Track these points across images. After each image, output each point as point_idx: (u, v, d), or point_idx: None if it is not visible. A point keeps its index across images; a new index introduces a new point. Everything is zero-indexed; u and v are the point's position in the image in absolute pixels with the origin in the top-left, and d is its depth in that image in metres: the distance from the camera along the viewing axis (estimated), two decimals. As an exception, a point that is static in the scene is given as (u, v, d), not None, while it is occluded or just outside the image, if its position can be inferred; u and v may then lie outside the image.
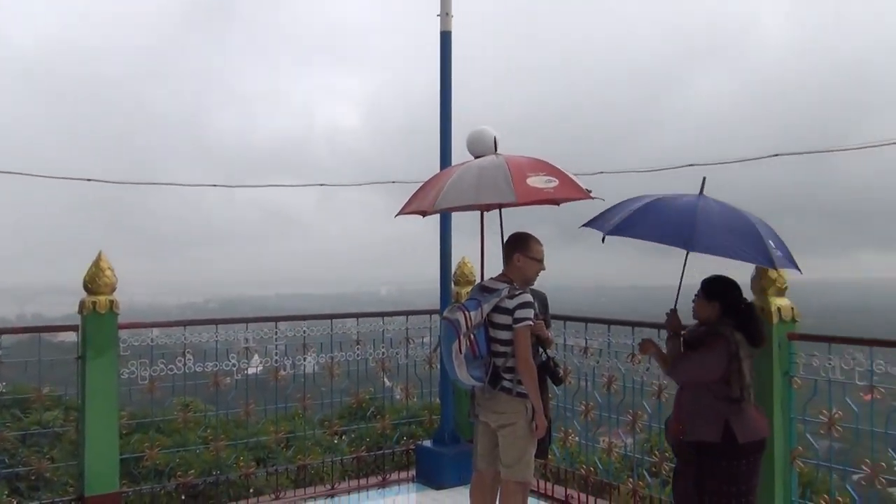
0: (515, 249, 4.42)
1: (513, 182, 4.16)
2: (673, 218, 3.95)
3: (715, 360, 3.88)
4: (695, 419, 3.96)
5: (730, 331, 3.91)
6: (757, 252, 3.82)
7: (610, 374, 5.85)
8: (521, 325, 4.21)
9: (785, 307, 4.77)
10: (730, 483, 3.86)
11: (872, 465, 4.43)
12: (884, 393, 4.42)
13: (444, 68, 6.51)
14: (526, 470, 4.39)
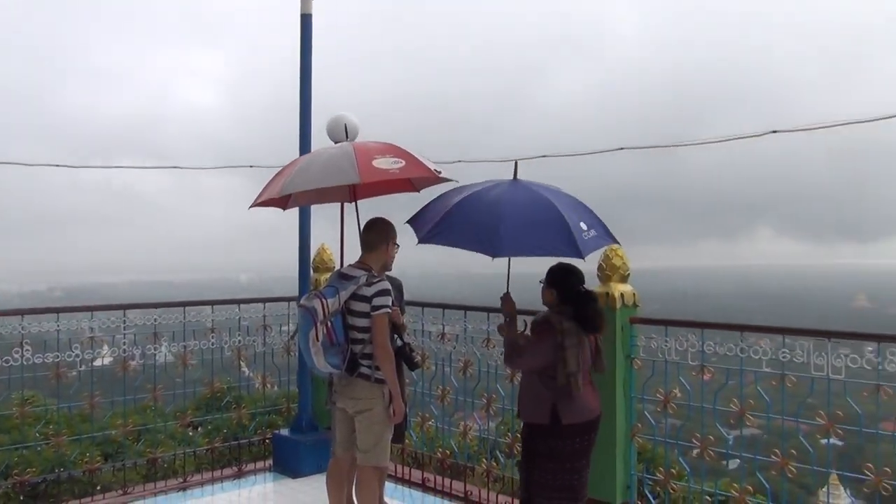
0: (388, 237, 4.48)
1: (357, 164, 4.17)
2: (478, 221, 3.97)
3: (542, 351, 4.00)
4: (527, 402, 4.15)
5: (559, 319, 4.00)
6: (563, 243, 3.84)
7: (466, 358, 6.00)
8: (380, 312, 4.25)
9: (627, 293, 5.05)
10: (557, 461, 4.04)
11: (702, 440, 4.81)
12: (714, 372, 4.80)
13: (305, 51, 6.41)
14: (382, 455, 4.45)
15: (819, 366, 4.26)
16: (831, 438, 4.41)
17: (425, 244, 4.13)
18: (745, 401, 4.63)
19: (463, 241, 4.00)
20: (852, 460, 4.28)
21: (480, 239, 3.91)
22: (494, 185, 4.18)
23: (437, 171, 4.43)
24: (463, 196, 4.14)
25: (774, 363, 4.45)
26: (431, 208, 4.30)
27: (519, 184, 4.17)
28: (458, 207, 4.08)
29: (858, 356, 4.14)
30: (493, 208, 3.97)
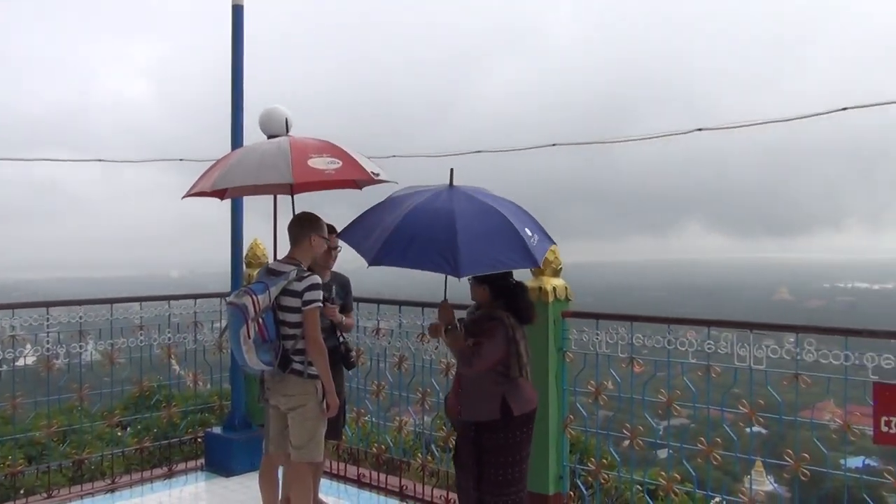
0: (311, 230, 4.42)
1: (292, 163, 4.13)
2: (433, 238, 3.71)
3: (497, 347, 4.01)
4: (475, 400, 4.11)
5: (504, 314, 4.05)
6: (520, 255, 3.79)
7: (401, 353, 6.01)
8: (311, 307, 4.22)
9: (560, 287, 5.14)
10: (506, 454, 4.07)
11: (632, 430, 4.93)
12: (643, 364, 4.92)
13: (237, 43, 6.30)
14: (316, 450, 4.43)
15: (742, 356, 4.41)
16: (755, 427, 4.58)
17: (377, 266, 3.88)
18: (672, 391, 4.76)
19: (421, 261, 3.73)
20: (775, 447, 4.45)
21: (440, 259, 3.66)
22: (435, 195, 3.96)
23: (374, 174, 4.38)
24: (407, 209, 3.89)
25: (700, 354, 4.59)
26: (371, 222, 4.03)
27: (460, 192, 4.00)
28: (406, 223, 3.83)
29: (779, 347, 4.30)
30: (447, 224, 3.73)
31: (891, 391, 3.88)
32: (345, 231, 4.13)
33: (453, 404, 4.26)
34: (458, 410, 4.20)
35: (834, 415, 4.26)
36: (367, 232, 3.91)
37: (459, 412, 4.18)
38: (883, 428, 3.90)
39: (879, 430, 3.91)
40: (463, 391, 4.17)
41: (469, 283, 4.22)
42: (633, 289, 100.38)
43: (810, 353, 4.18)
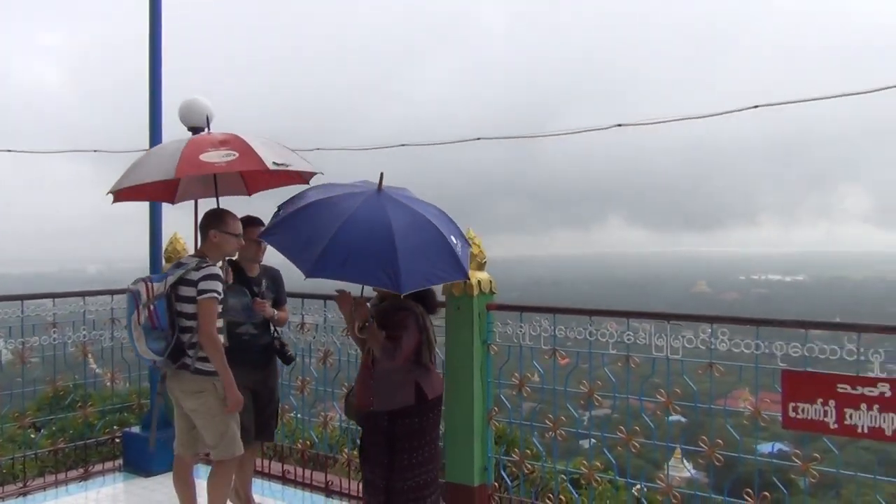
0: (210, 225, 4.39)
1: (180, 159, 4.06)
2: (374, 253, 3.69)
3: (413, 336, 4.13)
4: (389, 389, 4.19)
5: (413, 304, 4.18)
6: (453, 268, 3.85)
7: (326, 348, 5.97)
8: (205, 297, 4.16)
9: (484, 280, 5.18)
10: (419, 437, 4.22)
11: (554, 421, 5.02)
12: (566, 355, 5.01)
13: (154, 32, 6.12)
14: (232, 446, 4.37)
15: (660, 346, 4.54)
16: (675, 415, 4.72)
17: (262, 238, 4.03)
18: (594, 382, 4.86)
19: (363, 276, 3.77)
20: (694, 435, 4.59)
21: (383, 276, 3.64)
22: (367, 202, 3.89)
23: (277, 164, 4.20)
24: (341, 218, 3.79)
25: (620, 345, 4.70)
26: (300, 227, 3.90)
27: (390, 199, 3.95)
28: (309, 209, 3.84)
29: (694, 337, 4.44)
30: (385, 237, 3.70)
31: (798, 378, 4.06)
32: (270, 233, 3.99)
33: (362, 397, 4.29)
34: (369, 402, 4.24)
35: (747, 402, 4.43)
36: (298, 237, 3.82)
37: (371, 404, 4.23)
38: (791, 413, 4.07)
39: (787, 416, 4.09)
40: (375, 382, 4.22)
41: None
42: (559, 282, 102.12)
43: (724, 342, 4.33)
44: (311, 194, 4.07)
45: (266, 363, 5.02)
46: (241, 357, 4.82)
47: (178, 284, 4.20)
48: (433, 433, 4.32)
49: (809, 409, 4.00)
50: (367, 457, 4.34)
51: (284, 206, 4.08)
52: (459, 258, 3.83)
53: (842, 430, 3.94)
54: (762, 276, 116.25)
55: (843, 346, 3.99)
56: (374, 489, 4.27)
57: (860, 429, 3.88)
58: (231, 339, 4.86)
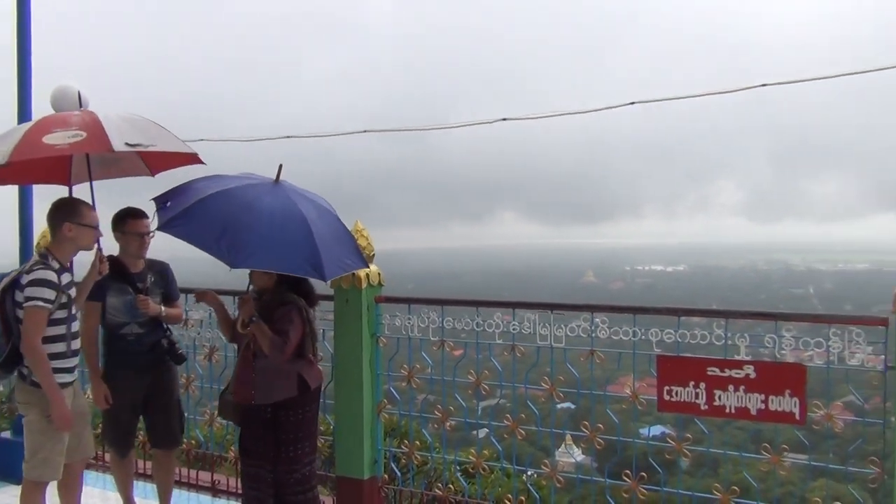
0: (64, 218, 4.03)
1: (20, 141, 3.77)
2: (225, 224, 3.75)
3: (298, 329, 4.15)
4: (271, 382, 4.20)
5: (295, 297, 4.21)
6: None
7: (212, 344, 5.82)
8: (29, 305, 3.82)
9: (373, 273, 5.16)
10: (302, 428, 4.29)
11: (443, 411, 5.07)
12: (454, 346, 5.07)
13: (23, 11, 5.77)
14: (41, 468, 4.01)
15: (544, 336, 4.66)
16: (565, 402, 4.87)
17: (164, 232, 3.87)
18: (481, 372, 4.93)
19: (204, 241, 3.76)
20: (584, 421, 4.73)
21: (308, 266, 3.76)
22: (254, 186, 3.99)
23: (133, 146, 3.93)
24: (219, 188, 3.89)
25: (506, 335, 4.79)
26: (185, 189, 3.99)
27: (279, 189, 3.99)
28: (212, 200, 3.83)
29: (576, 326, 4.58)
30: (302, 227, 3.80)
31: (671, 363, 4.26)
32: (172, 225, 3.86)
33: (243, 392, 4.27)
34: (250, 397, 4.23)
35: (628, 388, 4.60)
36: (210, 229, 3.78)
37: (252, 398, 4.22)
38: (665, 397, 4.27)
39: (662, 399, 4.29)
40: (257, 376, 4.21)
41: (252, 272, 4.19)
42: (453, 274, 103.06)
43: (604, 330, 4.49)
44: (204, 185, 4.01)
45: (156, 364, 4.75)
46: (127, 359, 4.64)
47: (11, 288, 3.87)
48: (315, 425, 4.40)
49: (682, 392, 4.21)
50: (249, 452, 4.31)
51: (173, 198, 3.98)
52: (323, 261, 3.83)
53: (711, 411, 4.17)
54: (646, 267, 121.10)
55: (713, 332, 4.21)
56: (260, 483, 4.25)
57: (728, 409, 4.11)
58: (115, 341, 4.66)
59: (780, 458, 4.14)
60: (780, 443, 4.25)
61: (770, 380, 4.01)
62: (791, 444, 4.32)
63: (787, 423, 4.03)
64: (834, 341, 3.95)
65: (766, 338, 4.08)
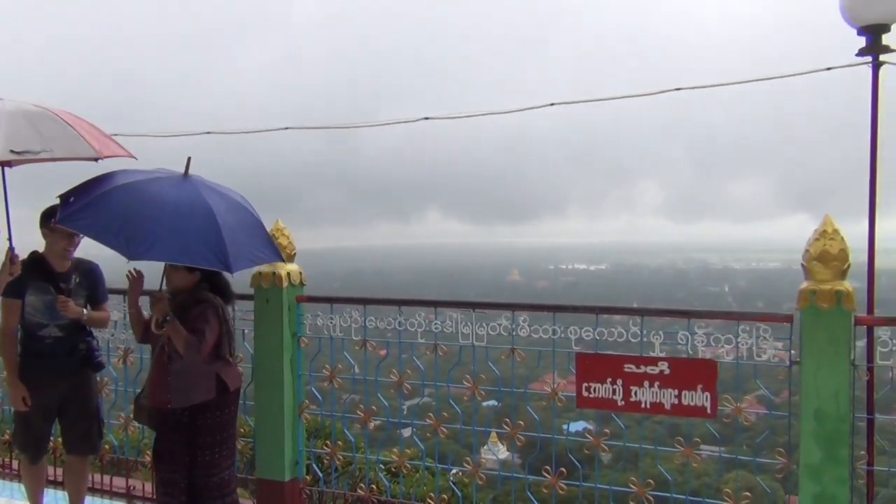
0: None
1: None
2: (200, 233, 3.68)
3: (214, 329, 4.08)
4: (189, 384, 4.11)
5: (212, 296, 4.15)
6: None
7: (126, 346, 5.64)
8: None
9: (294, 272, 5.10)
10: (220, 431, 4.20)
11: (365, 411, 5.04)
12: (375, 346, 5.03)
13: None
14: None
15: (466, 334, 4.69)
16: (491, 400, 4.90)
17: (64, 225, 3.77)
18: (403, 371, 4.93)
19: (103, 233, 3.64)
20: (511, 418, 4.77)
21: (212, 257, 3.64)
22: (160, 179, 3.89)
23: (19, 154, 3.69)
24: (124, 182, 3.79)
25: (429, 334, 4.80)
26: (90, 184, 3.86)
27: (187, 183, 3.90)
28: (115, 193, 3.72)
29: (497, 325, 4.62)
30: (207, 217, 3.70)
31: (590, 360, 4.34)
32: (72, 219, 3.74)
33: (158, 396, 4.16)
34: (166, 400, 4.12)
35: (559, 385, 4.65)
36: (110, 221, 3.66)
37: (168, 401, 4.12)
38: (584, 393, 4.36)
39: (581, 396, 4.37)
40: (173, 378, 4.11)
41: (165, 269, 4.10)
42: (380, 273, 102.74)
43: (524, 328, 4.55)
44: (109, 180, 3.87)
45: (76, 369, 4.57)
46: (44, 363, 4.45)
47: None
48: (234, 427, 4.32)
49: (600, 389, 4.30)
50: (164, 457, 4.20)
51: (77, 193, 3.83)
52: (228, 252, 3.73)
53: (628, 407, 4.27)
54: (570, 265, 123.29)
55: (629, 329, 4.32)
56: (174, 489, 4.15)
57: (643, 404, 4.23)
58: (32, 342, 4.46)
59: (692, 451, 4.28)
60: (696, 436, 4.38)
61: (683, 375, 4.14)
62: (707, 437, 4.47)
63: (699, 416, 4.16)
64: (743, 338, 4.10)
65: (680, 335, 4.20)
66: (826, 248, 3.86)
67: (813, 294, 3.85)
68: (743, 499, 4.18)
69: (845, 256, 3.86)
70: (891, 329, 3.89)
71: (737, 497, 4.17)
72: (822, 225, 3.91)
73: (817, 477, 3.89)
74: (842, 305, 3.81)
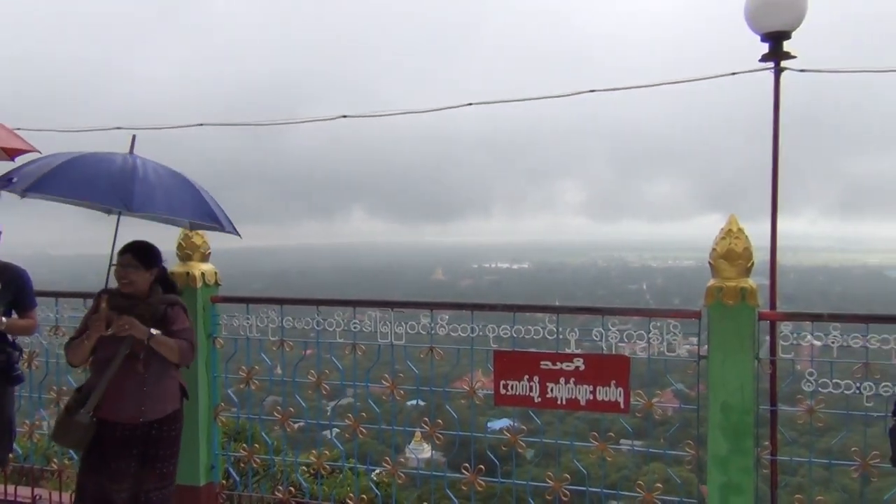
0: None
1: None
2: (107, 174, 3.51)
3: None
4: (161, 395, 3.92)
5: (175, 296, 4.01)
6: (203, 213, 3.75)
7: (31, 350, 5.41)
8: None
9: (209, 272, 4.99)
10: (175, 444, 4.02)
11: (283, 413, 4.97)
12: (293, 346, 4.96)
13: None
14: None
15: (384, 333, 4.67)
16: (414, 399, 4.89)
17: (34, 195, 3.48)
18: (321, 371, 4.88)
19: (87, 191, 3.49)
20: (435, 417, 4.78)
21: (111, 191, 3.44)
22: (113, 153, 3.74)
23: None
24: (75, 155, 3.61)
25: (348, 334, 4.77)
26: (33, 164, 3.64)
27: (139, 156, 3.76)
28: (75, 161, 3.54)
29: (416, 323, 4.62)
30: (125, 164, 3.57)
31: (507, 357, 4.39)
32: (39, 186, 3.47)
33: (129, 410, 3.82)
34: (139, 413, 3.84)
35: (483, 384, 4.67)
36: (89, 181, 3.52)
37: (140, 415, 3.84)
38: (502, 391, 4.41)
39: (499, 393, 4.42)
40: (148, 390, 3.86)
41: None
42: (305, 272, 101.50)
43: (443, 327, 4.56)
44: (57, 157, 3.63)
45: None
46: None
47: None
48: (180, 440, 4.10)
49: (517, 386, 4.36)
50: (103, 471, 3.83)
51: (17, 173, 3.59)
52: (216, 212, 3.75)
53: (544, 403, 4.34)
54: (493, 264, 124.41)
55: (546, 327, 4.38)
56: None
57: (559, 401, 4.30)
58: None
59: (606, 445, 4.37)
60: (615, 431, 4.48)
61: (597, 371, 4.23)
62: (627, 432, 4.57)
63: (613, 412, 4.26)
64: (655, 334, 4.22)
65: (595, 332, 4.29)
66: (731, 246, 4.01)
67: (719, 291, 3.99)
68: (655, 490, 4.31)
69: (749, 255, 4.02)
70: (792, 324, 4.07)
71: (649, 489, 4.29)
72: (728, 224, 4.06)
73: (724, 467, 4.04)
74: (746, 302, 3.97)
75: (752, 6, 4.30)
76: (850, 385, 3.91)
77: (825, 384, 3.93)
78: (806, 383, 3.98)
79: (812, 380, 3.95)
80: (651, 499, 4.30)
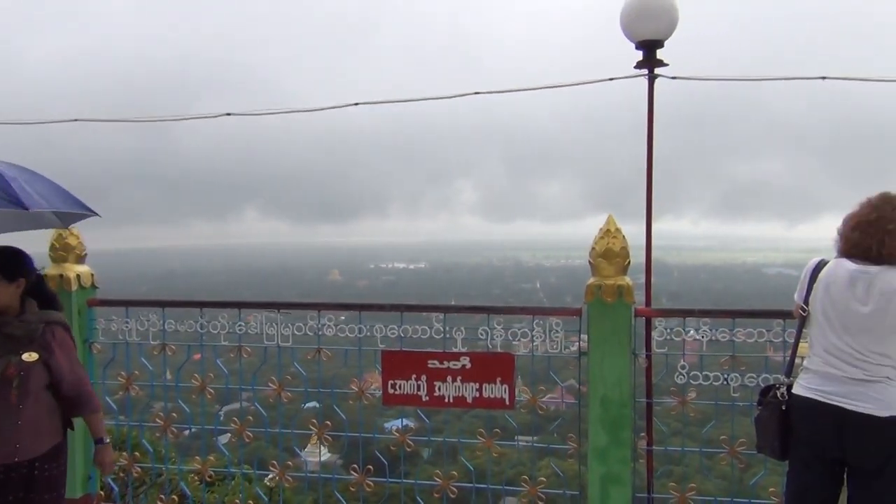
0: None
1: None
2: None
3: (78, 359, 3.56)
4: (39, 429, 3.38)
5: (56, 314, 3.48)
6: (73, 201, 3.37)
7: None
8: None
9: (85, 274, 4.79)
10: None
11: (165, 419, 4.82)
12: (175, 350, 4.81)
13: None
14: None
15: (271, 335, 4.61)
16: (312, 402, 4.82)
17: None
18: (206, 375, 4.75)
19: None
20: (331, 419, 4.73)
21: None
22: None
23: None
24: None
25: (232, 336, 4.67)
26: None
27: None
28: None
29: (303, 324, 4.58)
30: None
31: (395, 357, 4.41)
32: None
33: (5, 446, 3.28)
34: (12, 452, 3.29)
35: (378, 384, 4.65)
36: None
37: (15, 454, 3.30)
38: (390, 390, 4.43)
39: (387, 393, 4.43)
40: (24, 425, 3.30)
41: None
42: (195, 274, 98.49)
43: (330, 328, 4.54)
44: None
45: None
46: None
47: None
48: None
49: (405, 385, 4.39)
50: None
51: None
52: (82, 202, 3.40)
53: (432, 402, 4.38)
54: (390, 265, 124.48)
55: (433, 326, 4.43)
56: None
57: (447, 399, 4.36)
58: None
59: (492, 441, 4.46)
60: (508, 427, 4.56)
61: (483, 369, 4.30)
62: (523, 428, 4.67)
63: (499, 408, 4.34)
64: (538, 331, 4.33)
65: (480, 330, 4.37)
66: (609, 245, 4.16)
67: (598, 288, 4.14)
68: (539, 484, 4.43)
69: (626, 253, 4.19)
70: (665, 320, 4.27)
71: (533, 483, 4.41)
72: (606, 224, 4.21)
73: (603, 458, 4.19)
74: (623, 299, 4.13)
75: (626, 16, 4.49)
76: (718, 377, 4.13)
77: (696, 376, 4.15)
78: (678, 376, 4.19)
79: (684, 372, 4.16)
80: (535, 492, 4.42)
